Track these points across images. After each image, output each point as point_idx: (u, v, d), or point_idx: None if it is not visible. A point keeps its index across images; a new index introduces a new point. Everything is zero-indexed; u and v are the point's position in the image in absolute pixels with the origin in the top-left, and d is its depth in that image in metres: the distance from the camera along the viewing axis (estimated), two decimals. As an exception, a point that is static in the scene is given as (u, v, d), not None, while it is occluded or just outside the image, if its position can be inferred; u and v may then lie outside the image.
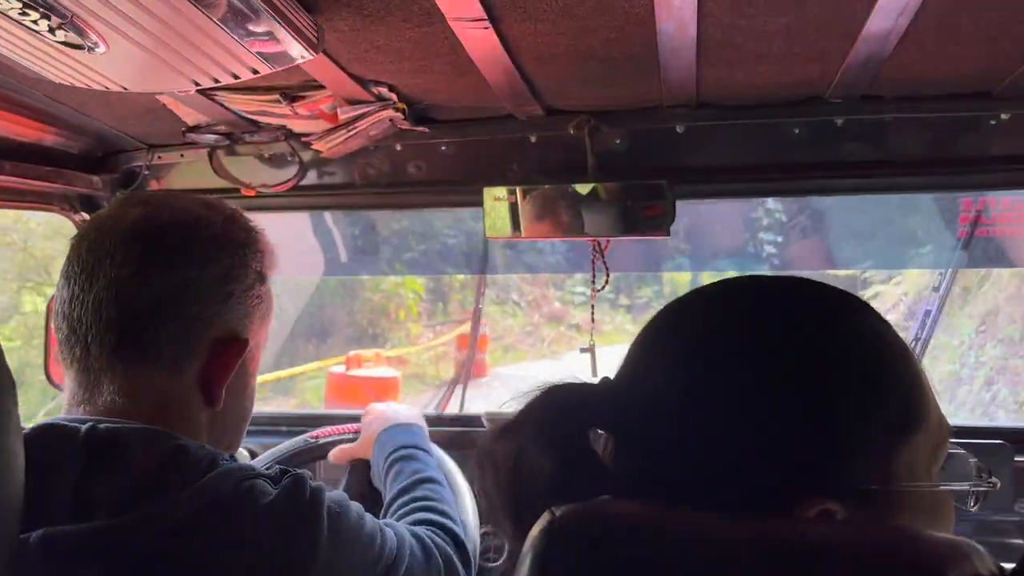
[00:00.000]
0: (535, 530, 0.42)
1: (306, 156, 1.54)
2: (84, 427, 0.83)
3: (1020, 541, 1.46)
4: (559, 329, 12.10)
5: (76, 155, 1.54)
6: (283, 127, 1.46)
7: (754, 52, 1.13)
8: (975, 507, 0.62)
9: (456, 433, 1.64)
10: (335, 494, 0.95)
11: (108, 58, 0.96)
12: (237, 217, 0.99)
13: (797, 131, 1.37)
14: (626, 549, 0.39)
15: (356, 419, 1.53)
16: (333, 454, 1.50)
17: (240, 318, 0.95)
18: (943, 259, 1.66)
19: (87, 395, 0.90)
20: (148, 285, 0.88)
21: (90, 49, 0.93)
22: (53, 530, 0.78)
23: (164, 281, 0.89)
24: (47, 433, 0.84)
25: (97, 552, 0.78)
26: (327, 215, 1.92)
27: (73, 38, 0.90)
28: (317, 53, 1.03)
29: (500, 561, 1.56)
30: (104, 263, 0.89)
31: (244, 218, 1.00)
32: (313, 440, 1.55)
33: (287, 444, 1.55)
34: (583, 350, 1.62)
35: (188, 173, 1.58)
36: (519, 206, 1.45)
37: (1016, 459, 1.43)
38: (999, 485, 0.63)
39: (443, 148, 1.51)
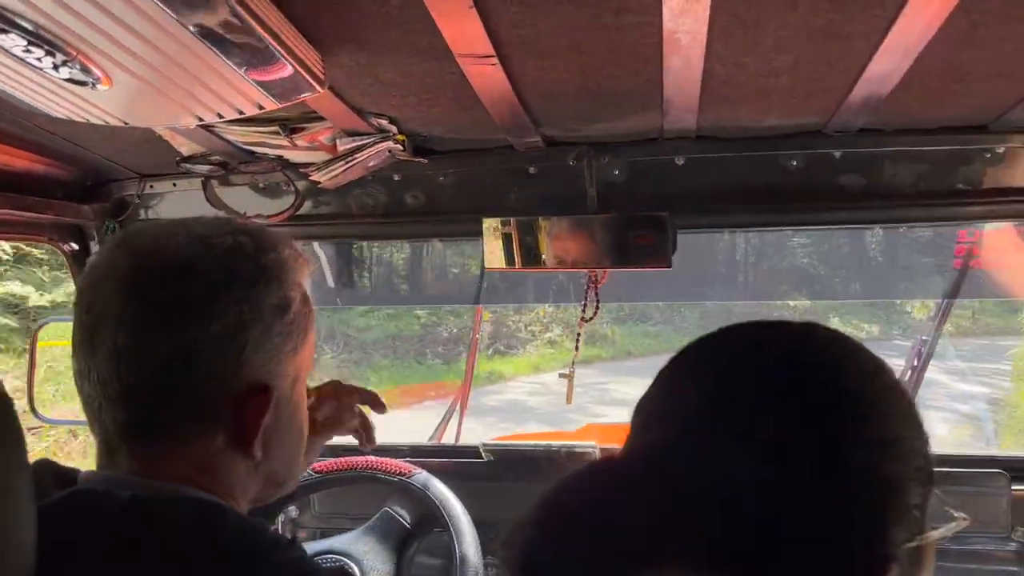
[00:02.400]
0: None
1: (302, 185, 1.53)
2: (120, 496, 0.77)
3: (1018, 569, 1.47)
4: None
5: (66, 184, 1.51)
6: (280, 157, 1.44)
7: (757, 88, 1.14)
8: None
9: (452, 463, 1.63)
10: None
11: (110, 94, 0.95)
12: (242, 245, 0.85)
13: (795, 163, 1.38)
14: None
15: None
16: None
17: (262, 365, 0.84)
18: (938, 290, 1.68)
19: (114, 461, 0.83)
20: (148, 356, 0.79)
21: (93, 85, 0.92)
22: None
23: (164, 348, 0.79)
24: (77, 500, 0.78)
25: None
26: (316, 245, 1.90)
27: (77, 75, 0.88)
28: (324, 88, 1.02)
29: (499, 596, 1.54)
30: (101, 332, 0.80)
31: (251, 240, 0.86)
32: (319, 473, 1.53)
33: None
34: (561, 375, 1.62)
35: (181, 203, 1.56)
36: (517, 237, 1.44)
37: (1014, 488, 1.44)
38: (968, 522, 0.63)
39: (441, 179, 1.50)
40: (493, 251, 1.46)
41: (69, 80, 0.89)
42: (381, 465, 1.54)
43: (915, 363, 1.70)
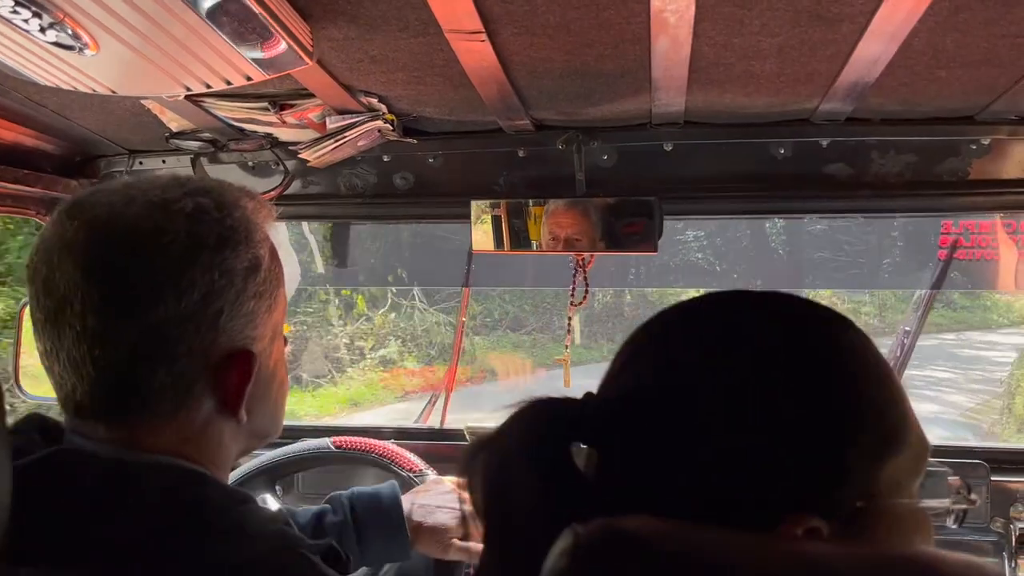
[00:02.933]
0: (557, 548, 0.41)
1: (291, 165, 1.53)
2: (103, 456, 0.77)
3: (996, 560, 1.48)
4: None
5: (55, 159, 1.51)
6: (269, 135, 1.44)
7: (745, 71, 1.14)
8: (955, 525, 0.62)
9: (437, 446, 1.63)
10: None
11: (98, 60, 0.95)
12: (204, 208, 0.81)
13: (783, 151, 1.39)
14: (656, 568, 0.39)
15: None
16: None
17: (240, 330, 0.83)
18: (922, 280, 1.69)
19: (93, 431, 0.81)
20: (119, 337, 0.76)
21: (80, 50, 0.92)
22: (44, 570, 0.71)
23: (135, 328, 0.76)
24: (61, 458, 0.77)
25: None
26: (305, 225, 1.90)
27: (64, 39, 0.88)
28: (312, 61, 1.03)
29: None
30: (65, 313, 0.77)
31: (211, 201, 0.82)
32: (338, 448, 1.51)
33: (310, 444, 1.52)
34: (557, 360, 1.63)
35: (170, 180, 1.56)
36: (506, 220, 1.44)
37: (993, 479, 1.45)
38: (978, 503, 0.64)
39: (430, 160, 1.50)
40: (481, 233, 1.46)
41: (56, 44, 0.89)
42: (397, 457, 1.50)
43: (898, 354, 1.71)
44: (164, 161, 1.55)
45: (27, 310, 1.78)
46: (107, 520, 0.74)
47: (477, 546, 1.34)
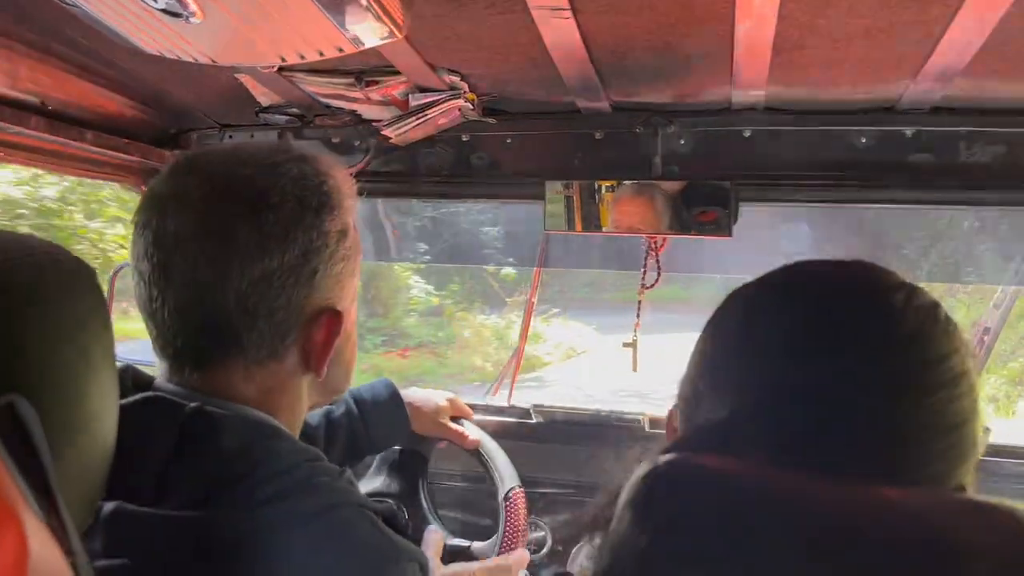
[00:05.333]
0: (636, 476, 0.43)
1: (372, 142, 1.57)
2: (188, 406, 0.82)
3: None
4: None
5: (151, 130, 1.59)
6: (353, 112, 1.49)
7: (829, 55, 1.13)
8: None
9: (502, 423, 1.66)
10: None
11: (202, 29, 1.00)
12: (308, 175, 0.89)
13: (864, 140, 1.37)
14: (725, 497, 0.40)
15: None
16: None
17: (329, 288, 0.90)
18: (1005, 276, 1.64)
19: (184, 380, 0.87)
20: (229, 285, 0.83)
21: (187, 18, 0.97)
22: (126, 507, 0.76)
23: (245, 278, 0.83)
24: (151, 404, 0.82)
25: (158, 540, 0.76)
26: (380, 202, 1.95)
27: (173, 5, 0.93)
28: (401, 36, 1.06)
29: (541, 553, 1.57)
30: (176, 260, 0.83)
31: (311, 167, 0.91)
32: None
33: None
34: (625, 344, 1.63)
35: (257, 154, 1.62)
36: (579, 201, 1.46)
37: None
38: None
39: (508, 141, 1.52)
40: (554, 214, 1.48)
41: (165, 11, 0.94)
42: (512, 509, 1.48)
43: (977, 352, 1.66)
44: (252, 135, 1.61)
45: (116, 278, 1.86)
46: (186, 465, 0.79)
47: (464, 429, 1.49)
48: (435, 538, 1.34)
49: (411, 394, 1.45)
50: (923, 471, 0.50)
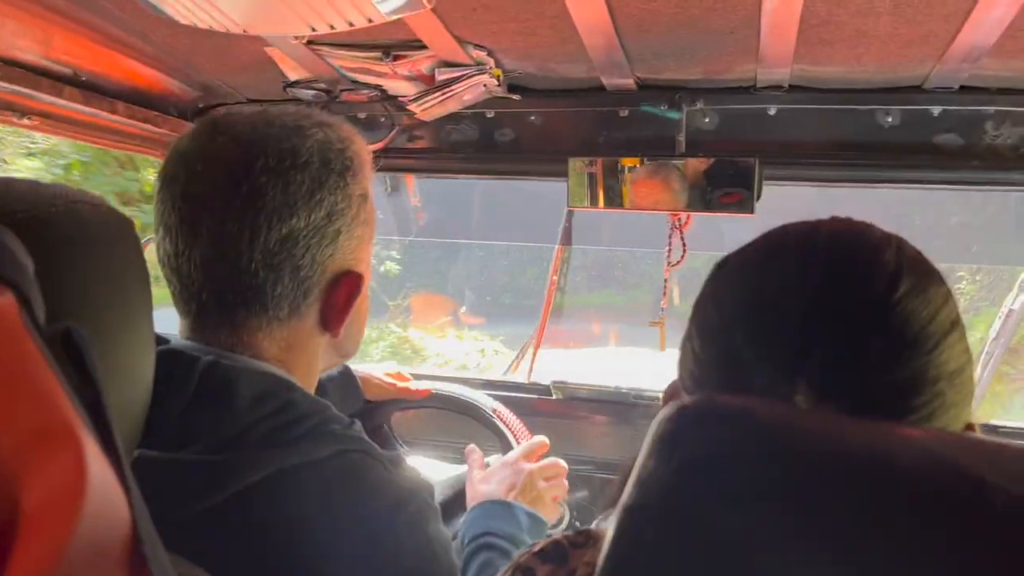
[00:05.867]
0: (662, 415, 0.44)
1: (398, 118, 1.59)
2: (204, 359, 0.84)
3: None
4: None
5: (180, 103, 1.61)
6: (379, 87, 1.50)
7: (857, 31, 1.13)
8: None
9: (523, 399, 1.68)
10: (444, 530, 0.91)
11: (234, -3, 1.01)
12: (332, 139, 0.91)
13: (891, 119, 1.36)
14: (752, 431, 0.41)
15: None
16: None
17: (351, 251, 0.93)
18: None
19: (205, 335, 0.89)
20: (256, 242, 0.85)
21: (219, -13, 0.98)
22: (148, 453, 0.77)
23: (272, 236, 0.85)
24: (169, 357, 0.83)
25: (179, 485, 0.77)
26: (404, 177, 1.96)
27: (206, -26, 0.95)
28: (429, 6, 1.07)
29: (560, 527, 1.58)
30: (204, 216, 0.85)
31: (334, 133, 0.93)
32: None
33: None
34: (652, 323, 1.64)
35: (284, 128, 1.64)
36: (602, 178, 1.47)
37: None
38: None
39: (532, 118, 1.53)
40: (577, 191, 1.49)
41: (199, -21, 0.96)
42: (503, 416, 1.52)
43: (995, 334, 1.65)
44: (279, 110, 1.63)
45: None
46: (204, 414, 0.82)
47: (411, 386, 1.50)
48: (475, 454, 1.35)
49: (354, 369, 1.47)
50: (935, 421, 0.51)
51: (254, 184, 0.85)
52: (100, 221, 0.61)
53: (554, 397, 1.71)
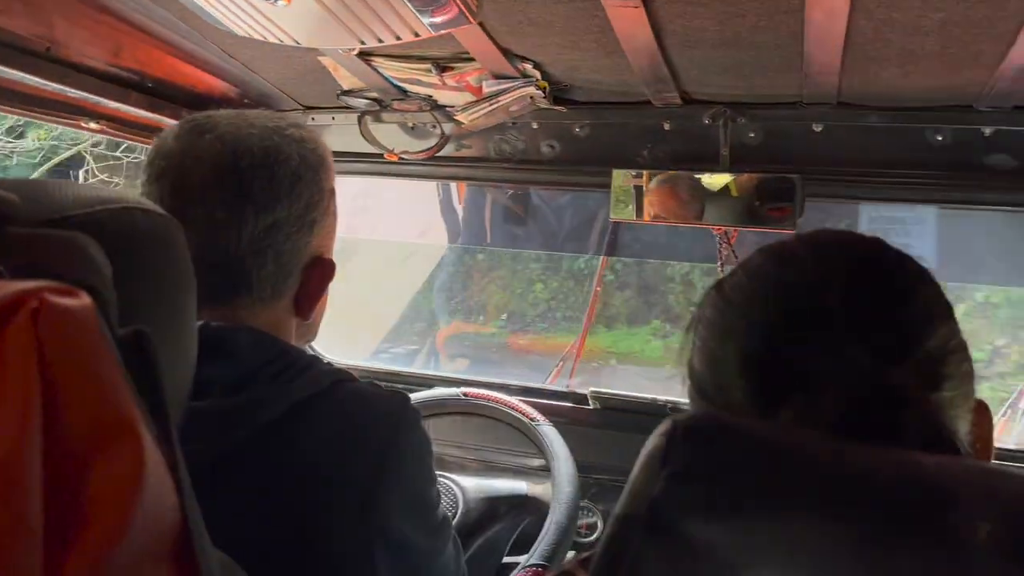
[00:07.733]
0: (658, 431, 0.46)
1: (446, 128, 1.62)
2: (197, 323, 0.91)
3: None
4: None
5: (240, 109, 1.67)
6: (429, 97, 1.54)
7: (904, 50, 1.12)
8: None
9: (561, 407, 1.69)
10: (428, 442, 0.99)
11: (289, 12, 1.06)
12: (306, 139, 1.01)
13: (940, 138, 1.34)
14: (739, 448, 0.42)
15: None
16: None
17: (323, 239, 1.02)
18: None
19: (198, 314, 0.97)
20: (243, 230, 0.93)
21: (275, 2, 1.03)
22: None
23: (257, 225, 0.94)
24: None
25: (203, 428, 0.83)
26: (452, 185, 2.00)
27: (263, -10, 1.00)
28: (475, 21, 1.10)
29: (592, 537, 1.59)
30: (193, 207, 0.92)
31: (304, 132, 1.02)
32: (465, 397, 1.61)
33: (440, 392, 1.63)
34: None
35: (337, 135, 1.69)
36: (646, 190, 1.48)
37: None
38: None
39: (577, 130, 1.55)
40: (621, 203, 1.50)
41: (256, -5, 1.01)
42: (519, 408, 1.59)
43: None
44: (334, 117, 1.68)
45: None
46: (214, 367, 0.87)
47: None
48: None
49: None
50: (964, 386, 0.54)
51: (242, 177, 0.94)
52: (149, 221, 0.65)
53: (591, 407, 1.72)
